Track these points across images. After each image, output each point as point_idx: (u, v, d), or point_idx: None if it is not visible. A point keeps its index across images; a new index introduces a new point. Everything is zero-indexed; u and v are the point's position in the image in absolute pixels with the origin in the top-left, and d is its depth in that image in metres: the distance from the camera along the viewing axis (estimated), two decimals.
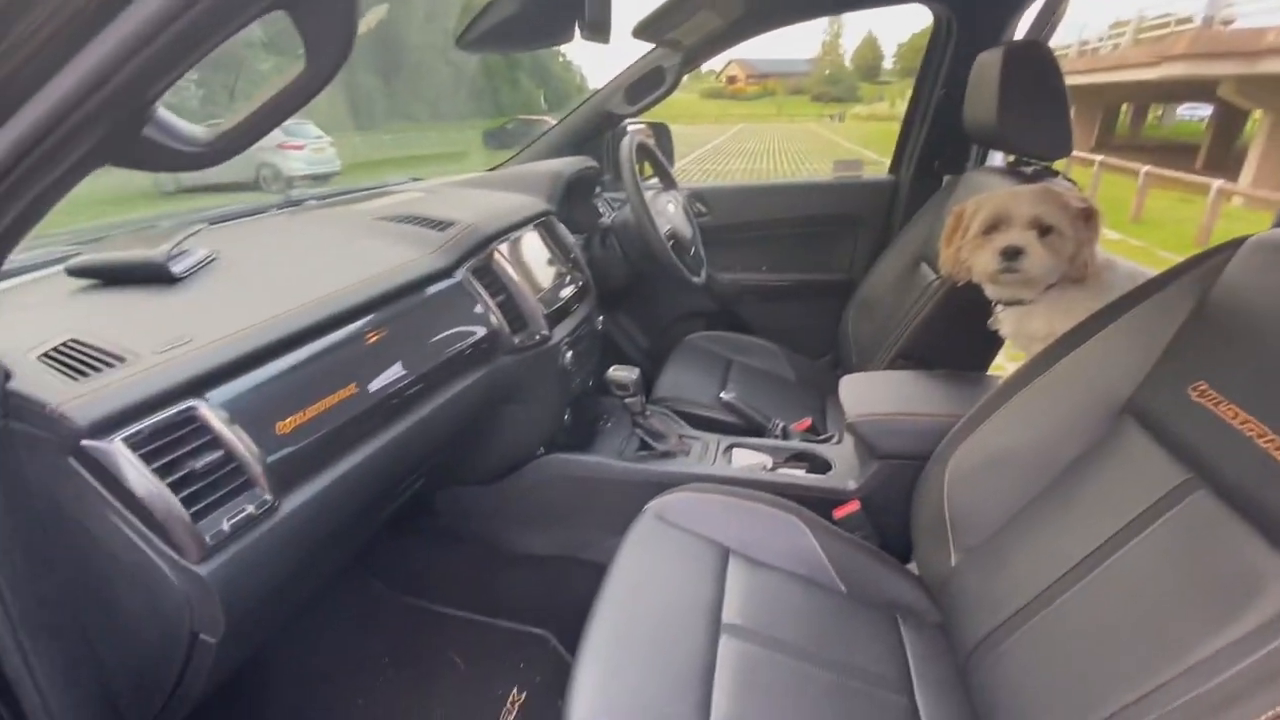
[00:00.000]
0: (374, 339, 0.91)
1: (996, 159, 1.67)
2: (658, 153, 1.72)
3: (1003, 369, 1.36)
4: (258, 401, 0.74)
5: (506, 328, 1.15)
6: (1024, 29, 1.61)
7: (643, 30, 1.62)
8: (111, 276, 0.86)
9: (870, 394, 1.18)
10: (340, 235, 1.19)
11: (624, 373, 1.24)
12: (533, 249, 1.34)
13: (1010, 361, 1.54)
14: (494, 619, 1.32)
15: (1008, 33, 1.62)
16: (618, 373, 1.25)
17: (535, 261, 1.32)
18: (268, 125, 0.50)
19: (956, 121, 1.48)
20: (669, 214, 1.66)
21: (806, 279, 2.01)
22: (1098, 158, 10.89)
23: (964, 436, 0.93)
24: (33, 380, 0.62)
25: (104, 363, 0.66)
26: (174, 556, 0.64)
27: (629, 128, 1.90)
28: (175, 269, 0.86)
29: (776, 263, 2.03)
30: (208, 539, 0.65)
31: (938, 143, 1.78)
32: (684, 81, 1.86)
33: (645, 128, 1.97)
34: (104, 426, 0.61)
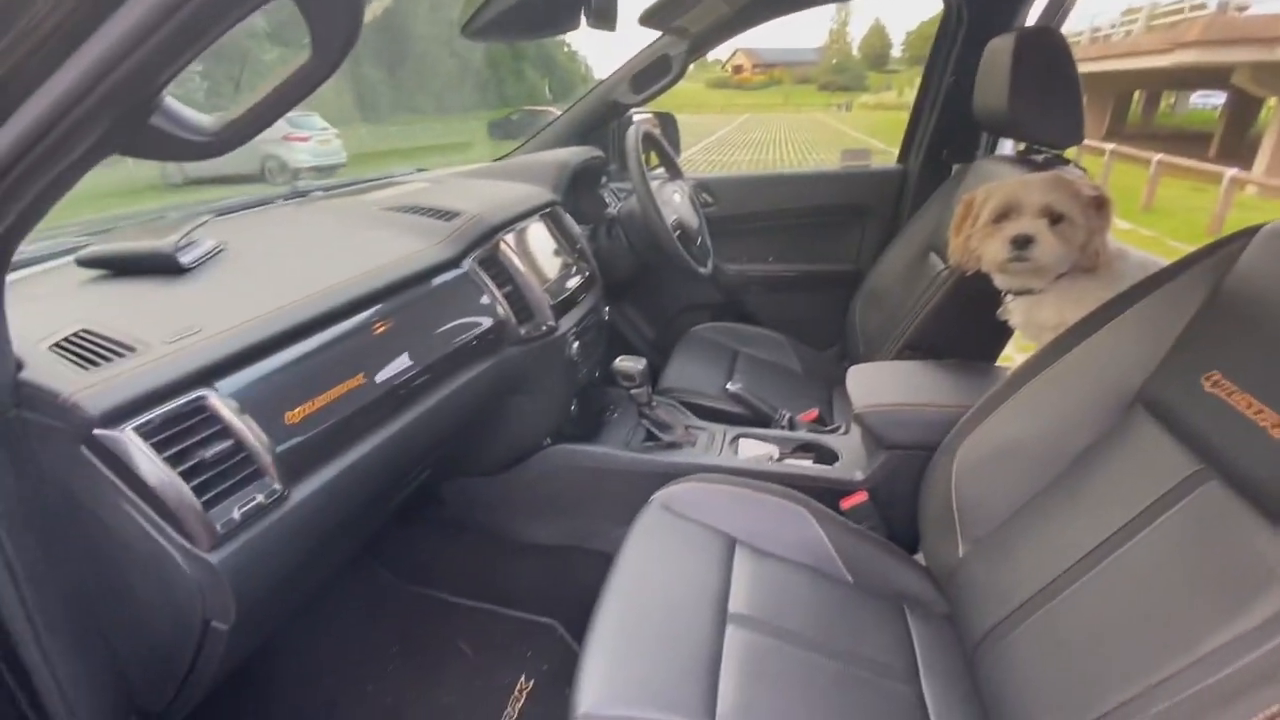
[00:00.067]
0: (381, 329, 0.92)
1: (1006, 147, 1.65)
2: (664, 142, 1.71)
3: (1011, 360, 1.35)
4: (267, 391, 0.74)
5: (513, 318, 1.15)
6: (1035, 15, 1.59)
7: (649, 18, 1.61)
8: (121, 267, 0.86)
9: (878, 384, 1.17)
10: (346, 226, 1.19)
11: (630, 363, 1.24)
12: (539, 239, 1.34)
13: (1019, 352, 1.53)
14: (501, 608, 1.33)
15: (1019, 19, 1.59)
16: (624, 363, 1.25)
17: (541, 252, 1.32)
18: (275, 114, 0.50)
19: (966, 109, 1.46)
20: (675, 204, 1.65)
21: (813, 269, 2.00)
22: (1109, 146, 10.76)
23: (972, 427, 0.92)
24: (44, 370, 0.63)
25: (114, 352, 0.67)
26: (186, 545, 0.64)
27: (635, 117, 1.89)
28: (183, 260, 0.86)
29: (783, 253, 2.02)
30: (219, 527, 0.65)
31: (947, 131, 1.76)
32: (689, 71, 1.85)
33: (651, 117, 1.96)
34: (115, 416, 0.62)
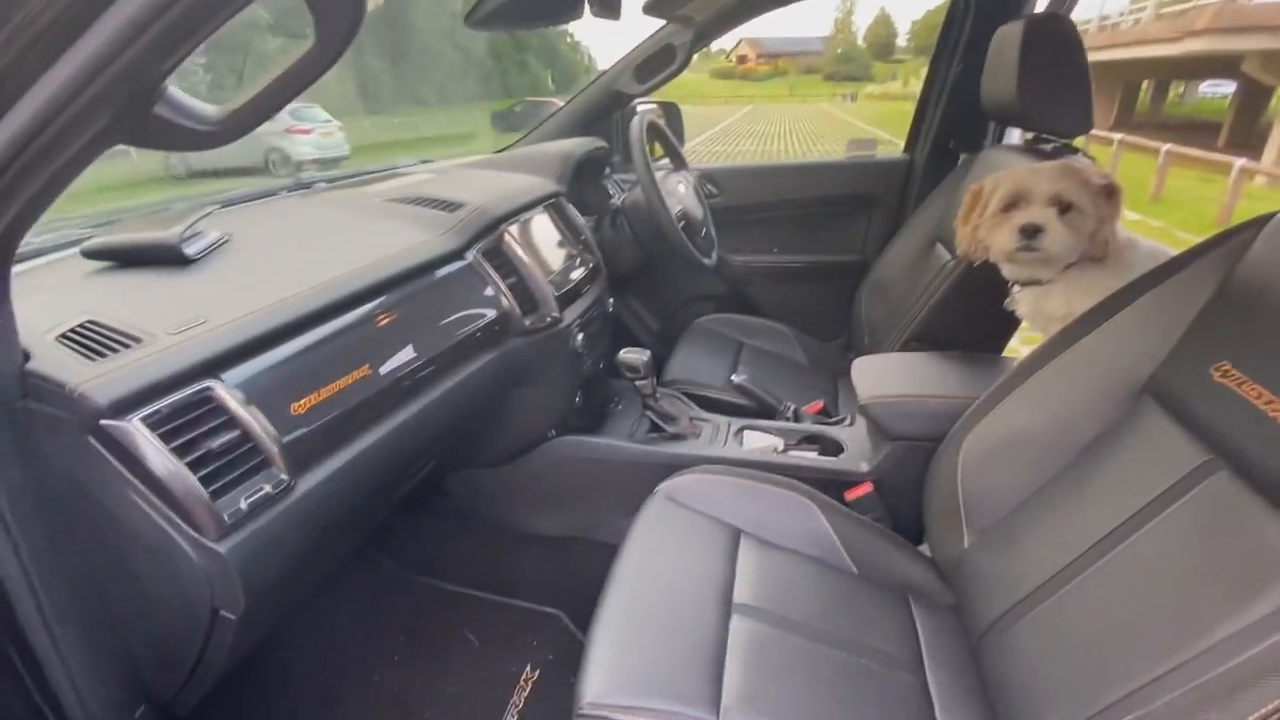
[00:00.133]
0: (385, 321, 0.92)
1: (1014, 136, 1.64)
2: (668, 132, 1.70)
3: (1016, 352, 1.34)
4: (273, 382, 0.75)
5: (517, 310, 1.15)
6: (1044, 2, 1.57)
7: (653, 7, 1.59)
8: (126, 258, 0.86)
9: (883, 376, 1.17)
10: (350, 217, 1.19)
11: (635, 355, 1.24)
12: (543, 231, 1.33)
13: (1024, 345, 1.52)
14: (507, 598, 1.34)
15: (1028, 6, 1.57)
16: (628, 355, 1.24)
17: (545, 243, 1.31)
18: (278, 102, 0.50)
19: (973, 98, 1.45)
20: (680, 194, 1.64)
21: (819, 260, 1.99)
22: (1117, 136, 10.66)
23: (979, 418, 0.92)
24: (51, 361, 0.63)
25: (121, 343, 0.67)
26: (193, 535, 0.65)
27: (639, 107, 1.88)
28: (188, 251, 0.86)
29: (788, 244, 2.01)
30: (226, 517, 0.66)
31: (954, 120, 1.75)
32: (693, 61, 1.83)
33: (655, 107, 1.95)
34: (122, 406, 0.62)
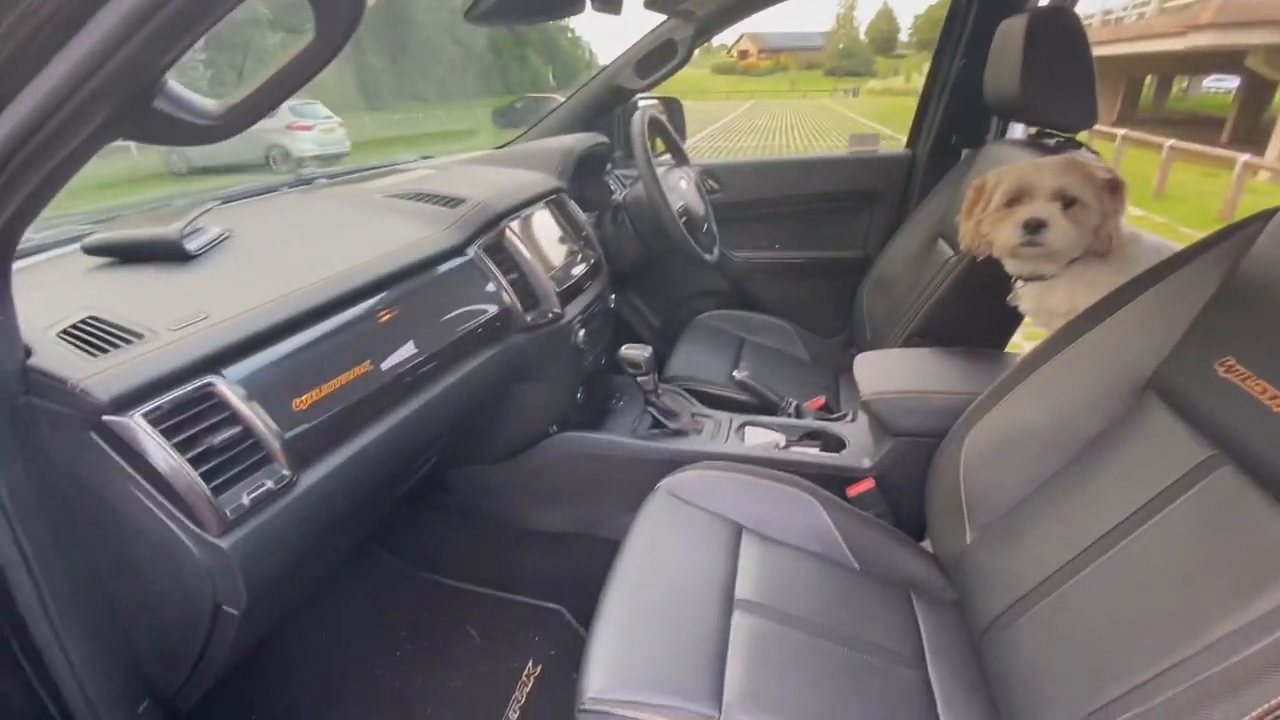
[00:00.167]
0: (386, 317, 0.91)
1: (1017, 131, 1.63)
2: (670, 128, 1.70)
3: (1019, 348, 1.34)
4: (274, 378, 0.75)
5: (519, 306, 1.14)
6: None
7: (655, 1, 1.58)
8: (127, 254, 0.86)
9: (885, 372, 1.16)
10: (351, 213, 1.18)
11: (636, 351, 1.24)
12: (544, 226, 1.33)
13: (1026, 341, 1.52)
14: (509, 594, 1.34)
15: (1031, 0, 1.57)
16: (630, 351, 1.24)
17: (547, 239, 1.31)
18: (278, 97, 0.49)
19: (976, 93, 1.44)
20: (681, 190, 1.64)
21: (820, 257, 1.98)
22: (1120, 131, 10.62)
23: (981, 414, 0.92)
24: (52, 357, 0.63)
25: (122, 339, 0.67)
26: (196, 530, 0.65)
27: (640, 102, 1.87)
28: (189, 246, 0.86)
29: (790, 240, 2.00)
30: (228, 513, 0.66)
31: (956, 115, 1.74)
32: (694, 56, 1.83)
33: (657, 103, 1.94)
34: (124, 402, 0.62)
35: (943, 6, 1.77)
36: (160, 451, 0.63)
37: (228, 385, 0.69)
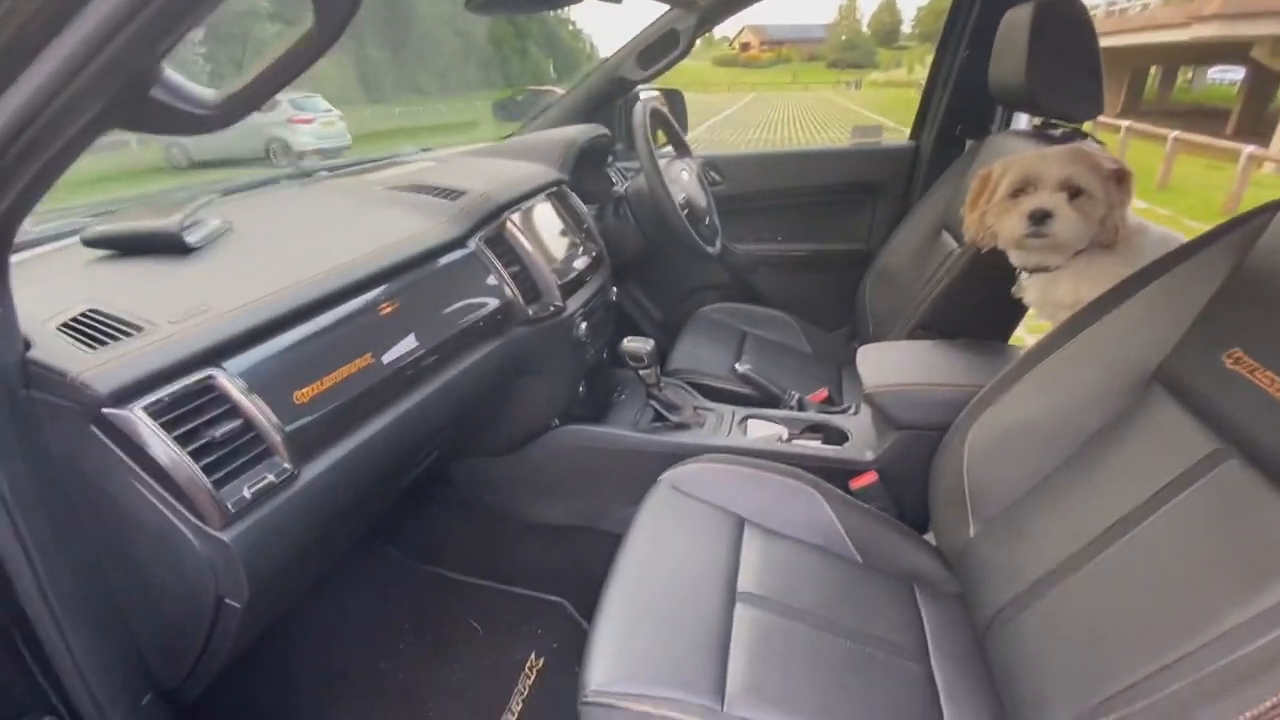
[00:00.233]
0: (387, 310, 0.91)
1: (1021, 122, 1.61)
2: (672, 119, 1.69)
3: (1022, 341, 1.33)
4: (275, 371, 0.74)
5: (520, 299, 1.14)
6: None
7: None
8: (127, 247, 0.86)
9: (889, 364, 1.16)
10: (352, 205, 1.18)
11: (638, 344, 1.23)
12: (545, 219, 1.32)
13: (1029, 334, 1.51)
14: (511, 587, 1.34)
15: None
16: (632, 344, 1.24)
17: (548, 231, 1.30)
18: (276, 85, 0.49)
19: (981, 83, 1.43)
20: (683, 182, 1.63)
21: (823, 249, 1.97)
22: (1124, 123, 10.56)
23: (985, 406, 0.91)
24: (52, 349, 0.62)
25: (122, 332, 0.66)
26: (197, 523, 0.65)
27: (641, 94, 1.86)
28: (189, 239, 0.85)
29: (792, 233, 1.99)
30: (230, 506, 0.66)
31: (961, 106, 1.72)
32: (696, 49, 1.81)
33: (659, 94, 1.93)
34: (124, 395, 0.62)
35: None
36: (161, 444, 0.62)
37: (228, 378, 0.69)
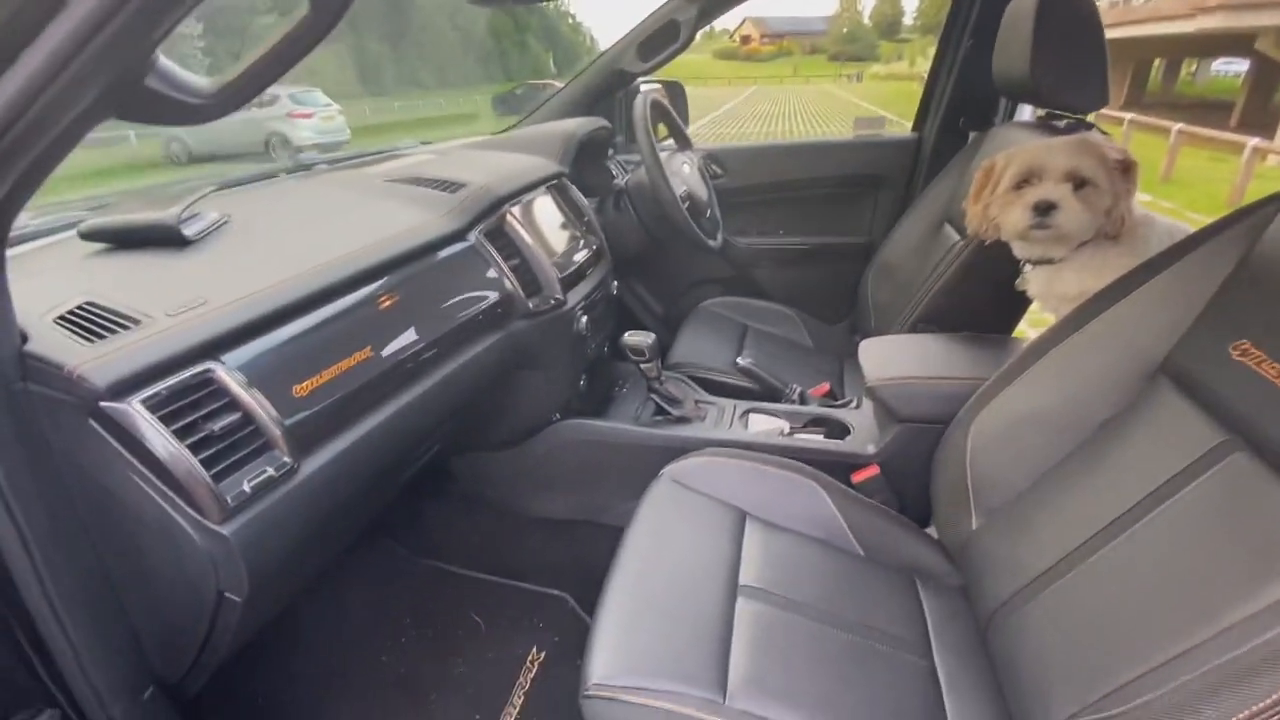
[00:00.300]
0: (387, 303, 0.90)
1: (1025, 114, 1.60)
2: (672, 111, 1.68)
3: (1024, 335, 1.33)
4: (274, 364, 0.74)
5: (520, 292, 1.13)
6: None
7: None
8: (124, 239, 0.85)
9: (891, 358, 1.15)
10: (351, 198, 1.17)
11: (640, 338, 1.23)
12: (546, 212, 1.32)
13: (1032, 328, 1.50)
14: (513, 581, 1.34)
15: None
16: (633, 338, 1.23)
17: (548, 224, 1.30)
18: (272, 74, 0.48)
19: (984, 74, 1.42)
20: (684, 175, 1.62)
21: (825, 242, 1.96)
22: (1128, 115, 10.51)
23: (988, 399, 0.91)
24: (49, 342, 0.62)
25: (119, 325, 0.66)
26: (196, 517, 0.64)
27: (642, 86, 1.85)
28: (187, 232, 0.85)
29: (794, 225, 1.98)
30: (229, 500, 0.65)
31: (964, 97, 1.71)
32: (696, 42, 1.80)
33: (659, 86, 1.91)
34: (122, 388, 0.61)
35: None
36: (159, 438, 0.62)
37: (227, 371, 0.69)
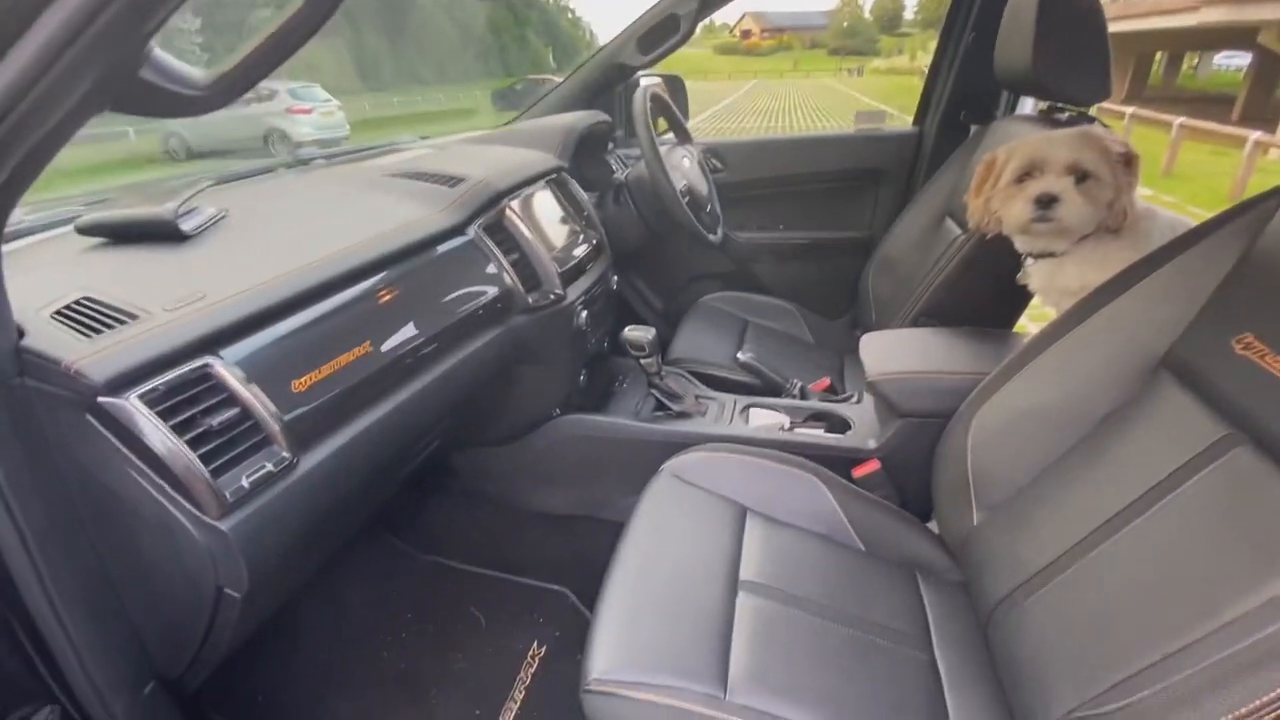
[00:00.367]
0: (386, 298, 0.90)
1: (1027, 107, 1.59)
2: (673, 106, 1.67)
3: (1025, 330, 1.32)
4: (272, 359, 0.73)
5: (520, 287, 1.13)
6: None
7: None
8: (121, 234, 0.85)
9: (892, 352, 1.15)
10: (350, 193, 1.17)
11: (640, 333, 1.23)
12: (545, 206, 1.31)
13: (1033, 323, 1.50)
14: (513, 576, 1.34)
15: None
16: (633, 333, 1.23)
17: (548, 219, 1.29)
18: (268, 66, 0.48)
19: (985, 68, 1.41)
20: (684, 169, 1.61)
21: (825, 237, 1.96)
22: (1129, 109, 10.47)
23: (989, 394, 0.91)
24: (46, 338, 0.62)
25: (117, 320, 0.65)
26: (195, 513, 0.64)
27: (642, 80, 1.84)
28: (185, 226, 0.84)
29: (794, 220, 1.97)
30: (228, 495, 0.65)
31: (965, 91, 1.70)
32: (696, 36, 1.78)
33: (659, 80, 1.91)
34: (120, 384, 0.61)
35: None
36: (157, 433, 0.62)
37: (225, 366, 0.68)
